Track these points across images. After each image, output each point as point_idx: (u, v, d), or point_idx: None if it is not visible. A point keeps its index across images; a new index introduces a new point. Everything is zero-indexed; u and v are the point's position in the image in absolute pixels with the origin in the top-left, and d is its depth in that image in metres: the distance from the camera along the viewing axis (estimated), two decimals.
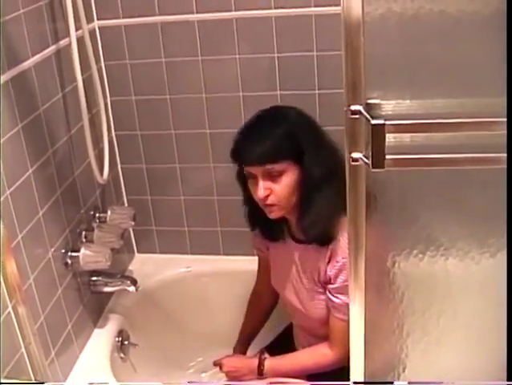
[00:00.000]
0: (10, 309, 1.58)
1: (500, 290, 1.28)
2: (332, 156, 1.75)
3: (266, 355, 1.98)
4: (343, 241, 1.76)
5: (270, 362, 1.93)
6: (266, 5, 2.07)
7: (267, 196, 1.73)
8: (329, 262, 1.80)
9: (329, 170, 1.72)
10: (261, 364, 1.93)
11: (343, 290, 1.76)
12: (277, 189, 1.73)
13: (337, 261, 1.78)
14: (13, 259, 1.56)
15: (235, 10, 2.09)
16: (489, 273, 1.26)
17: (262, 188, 1.73)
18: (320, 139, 1.79)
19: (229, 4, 2.09)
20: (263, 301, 2.20)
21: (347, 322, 1.32)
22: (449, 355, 1.36)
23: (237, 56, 2.17)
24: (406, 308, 1.31)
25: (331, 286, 1.82)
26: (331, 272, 1.80)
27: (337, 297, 1.81)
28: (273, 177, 1.73)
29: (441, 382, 1.33)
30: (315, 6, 2.03)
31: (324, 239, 1.80)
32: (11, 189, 1.65)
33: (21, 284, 1.60)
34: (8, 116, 1.66)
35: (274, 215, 1.80)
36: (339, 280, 1.79)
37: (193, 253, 2.58)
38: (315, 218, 1.77)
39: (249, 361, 2.00)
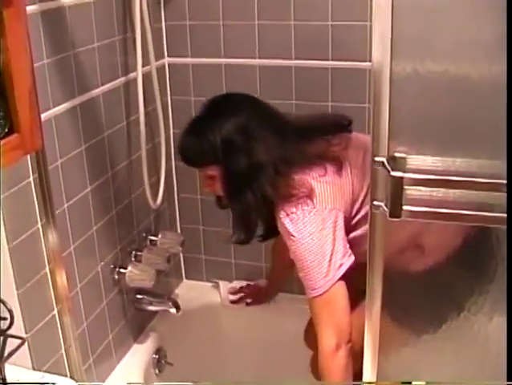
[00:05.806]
0: (55, 312, 1.71)
1: None
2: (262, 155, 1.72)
3: None
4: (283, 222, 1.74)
5: None
6: (324, 56, 2.19)
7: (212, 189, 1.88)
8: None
9: (247, 173, 1.74)
10: None
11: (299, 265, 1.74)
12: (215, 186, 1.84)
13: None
14: (63, 268, 1.69)
15: (294, 59, 2.22)
16: None
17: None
18: (254, 136, 1.74)
19: (289, 52, 2.21)
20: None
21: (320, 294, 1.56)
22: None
23: (294, 102, 2.27)
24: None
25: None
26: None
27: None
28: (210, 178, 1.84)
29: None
30: None
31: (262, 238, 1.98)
32: (69, 203, 1.80)
33: (68, 292, 1.72)
34: (73, 137, 1.81)
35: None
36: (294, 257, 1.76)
37: None
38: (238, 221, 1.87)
39: None
